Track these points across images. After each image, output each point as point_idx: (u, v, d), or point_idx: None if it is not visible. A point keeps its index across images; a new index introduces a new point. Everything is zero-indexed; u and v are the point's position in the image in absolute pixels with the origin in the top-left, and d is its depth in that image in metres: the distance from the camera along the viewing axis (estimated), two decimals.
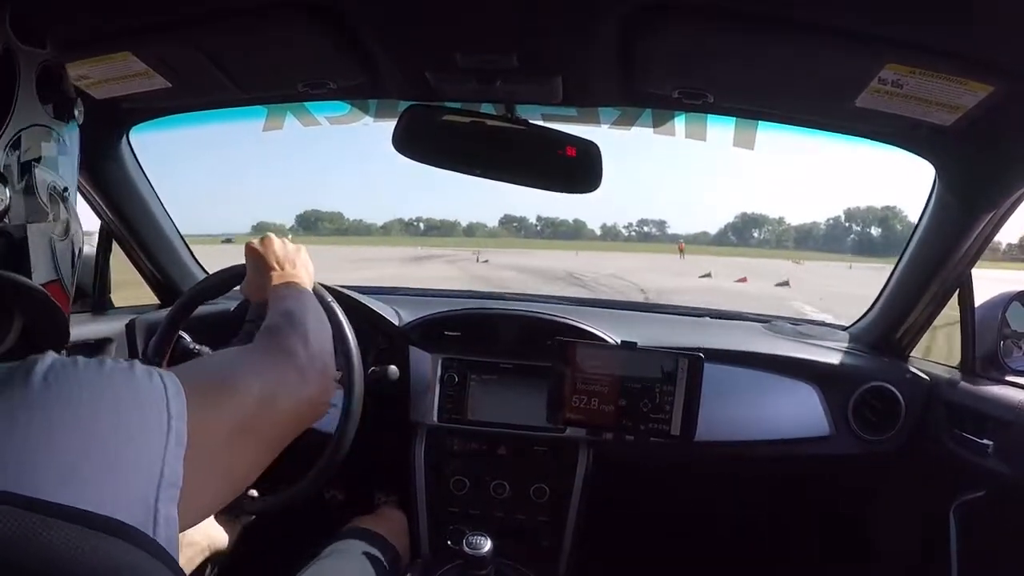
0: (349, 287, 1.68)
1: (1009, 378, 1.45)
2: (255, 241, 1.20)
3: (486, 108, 1.25)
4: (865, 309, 1.77)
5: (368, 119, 1.45)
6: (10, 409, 0.45)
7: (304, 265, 1.18)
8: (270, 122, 1.46)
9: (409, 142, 1.20)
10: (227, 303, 1.68)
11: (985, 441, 1.35)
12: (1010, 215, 1.30)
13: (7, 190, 0.60)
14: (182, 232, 1.82)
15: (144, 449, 0.50)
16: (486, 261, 39.80)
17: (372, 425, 1.31)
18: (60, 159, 0.68)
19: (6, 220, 0.60)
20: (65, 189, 0.69)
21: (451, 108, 1.21)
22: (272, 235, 1.21)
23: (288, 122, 1.46)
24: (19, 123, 0.62)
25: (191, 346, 1.43)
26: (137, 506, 0.48)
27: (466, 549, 1.25)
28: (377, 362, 1.55)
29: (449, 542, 1.54)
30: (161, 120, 1.44)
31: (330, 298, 1.27)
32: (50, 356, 0.50)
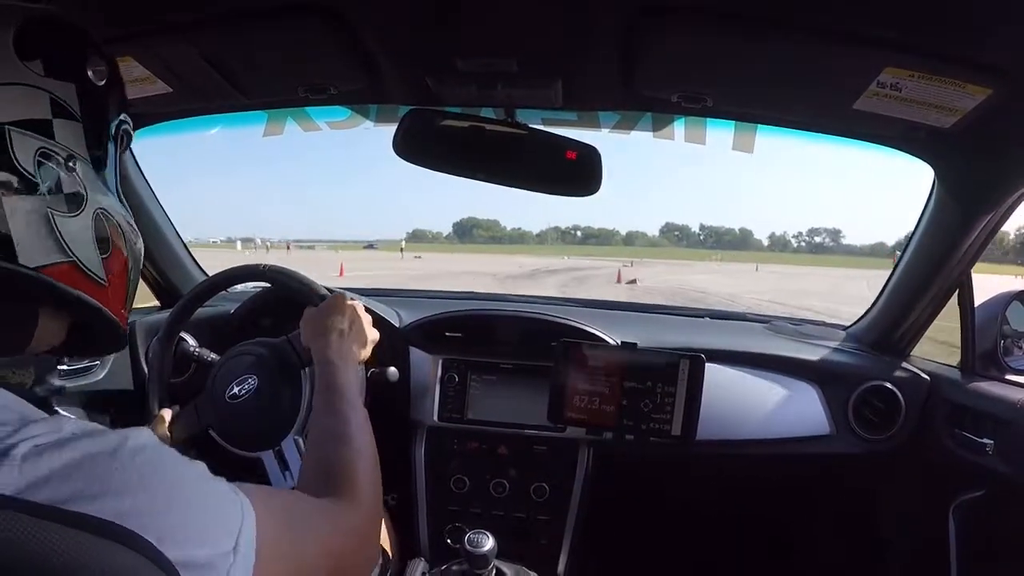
0: (349, 288, 1.68)
1: (1009, 377, 1.46)
2: (348, 299, 1.20)
3: (486, 112, 1.25)
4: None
5: (368, 124, 1.46)
6: (90, 472, 0.46)
7: (364, 349, 1.18)
8: (270, 127, 1.47)
9: (409, 146, 1.20)
10: (227, 305, 1.69)
11: (985, 440, 1.35)
12: (1009, 216, 1.30)
13: None
14: (371, 239, 1.81)
15: (207, 560, 0.50)
16: (632, 281, 26.84)
17: (372, 425, 1.31)
18: (57, 122, 0.61)
19: None
20: (70, 157, 0.62)
21: (451, 112, 1.21)
22: (361, 306, 1.21)
23: (288, 127, 1.47)
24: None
25: (192, 349, 1.43)
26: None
27: (468, 547, 1.26)
28: (377, 363, 1.55)
29: (449, 541, 1.55)
30: (162, 125, 1.44)
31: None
32: (144, 434, 0.51)
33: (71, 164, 0.61)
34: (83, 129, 0.64)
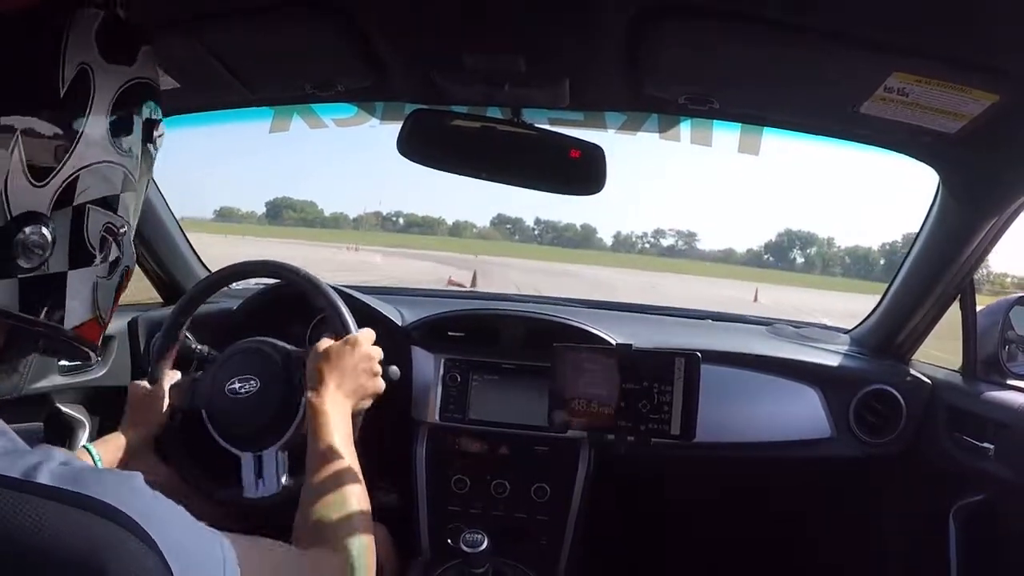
0: (351, 286, 1.68)
1: (1010, 382, 1.46)
2: (360, 339, 1.17)
3: (492, 112, 1.25)
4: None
5: (375, 121, 1.46)
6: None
7: (363, 393, 1.15)
8: (277, 123, 1.47)
9: (414, 146, 1.20)
10: (229, 302, 1.69)
11: (986, 445, 1.36)
12: (1013, 221, 1.31)
13: (48, 234, 0.54)
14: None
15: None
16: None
17: (374, 424, 1.31)
18: (124, 196, 0.62)
19: (44, 267, 0.55)
20: (122, 227, 0.63)
21: (457, 112, 1.21)
22: (358, 344, 1.17)
23: (295, 123, 1.47)
24: (82, 160, 0.56)
25: (193, 346, 1.43)
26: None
27: (463, 547, 1.26)
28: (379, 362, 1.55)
29: (450, 541, 1.54)
30: (167, 120, 1.43)
31: (333, 296, 1.28)
32: (138, 479, 0.52)
33: (122, 233, 0.63)
34: (138, 196, 0.66)
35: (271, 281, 1.63)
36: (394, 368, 1.49)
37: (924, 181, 1.39)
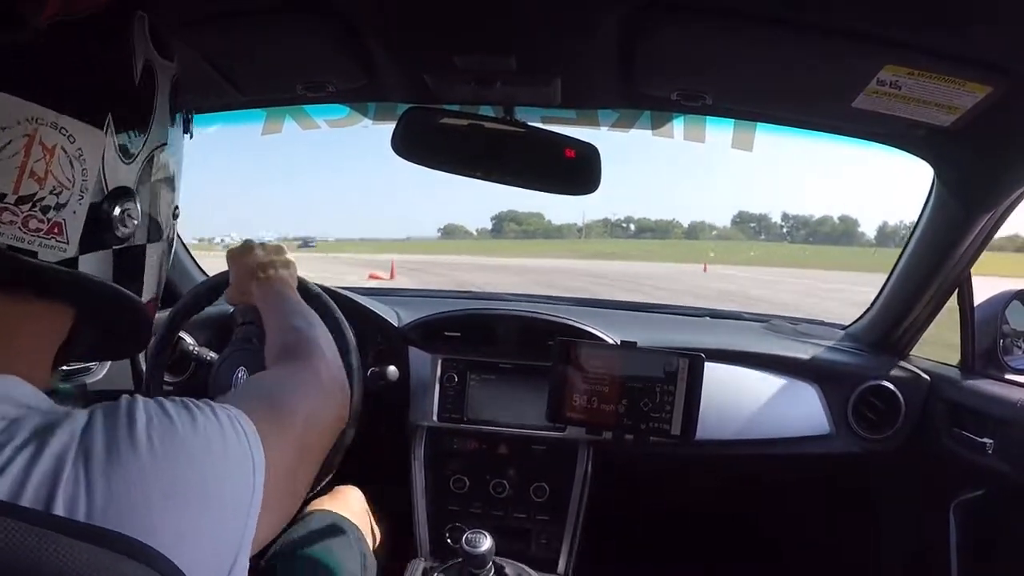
0: (347, 288, 1.68)
1: (1009, 376, 1.46)
2: (235, 248, 1.21)
3: (485, 110, 1.25)
4: None
5: (367, 121, 1.46)
6: (119, 466, 0.47)
7: (286, 265, 1.18)
8: (269, 125, 1.47)
9: (408, 144, 1.20)
10: (227, 304, 1.69)
11: (985, 440, 1.35)
12: (1009, 214, 1.30)
13: (138, 207, 0.60)
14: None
15: (232, 515, 0.53)
16: None
17: (372, 425, 1.31)
18: (177, 178, 0.69)
19: (132, 239, 0.60)
20: (177, 208, 0.69)
21: (450, 111, 1.21)
22: (252, 241, 1.21)
23: (287, 125, 1.47)
24: (154, 141, 0.62)
25: (191, 348, 1.43)
26: (220, 559, 0.51)
27: (465, 547, 1.26)
28: (376, 363, 1.55)
29: (449, 541, 1.55)
30: None
31: (327, 299, 1.27)
32: (140, 405, 0.51)
33: (178, 214, 0.71)
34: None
35: None
36: (392, 369, 1.49)
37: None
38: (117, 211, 0.57)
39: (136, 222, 0.60)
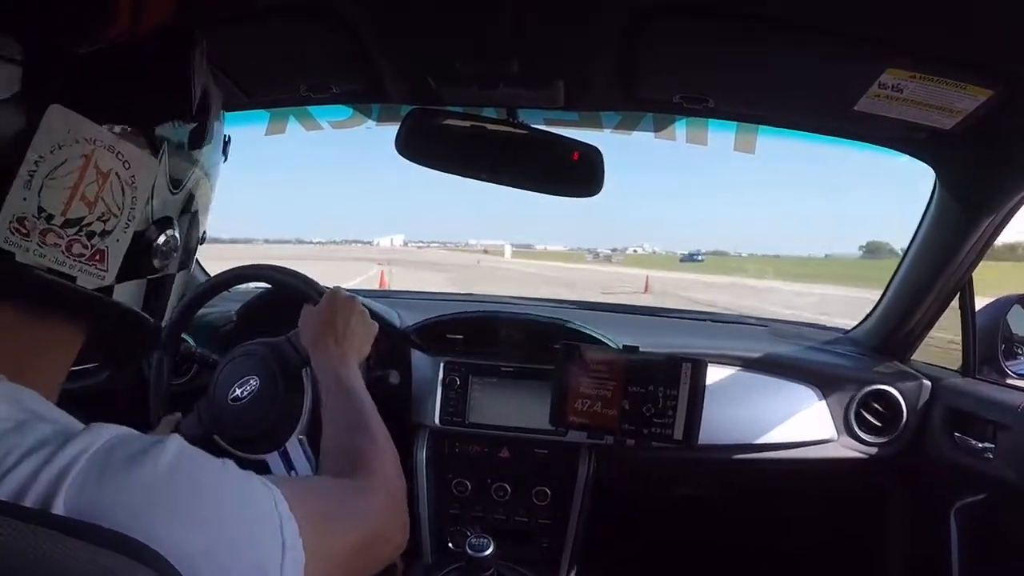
0: (348, 290, 1.68)
1: (1010, 381, 1.46)
2: (343, 295, 1.18)
3: (488, 112, 1.25)
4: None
5: (371, 123, 1.46)
6: (134, 479, 0.46)
7: (365, 348, 1.16)
8: (272, 127, 1.47)
9: (412, 146, 1.20)
10: (229, 306, 1.69)
11: (986, 444, 1.35)
12: (1011, 218, 1.30)
13: (179, 237, 0.60)
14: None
15: (259, 558, 0.50)
16: None
17: None
18: (212, 201, 0.67)
19: (166, 268, 0.60)
20: (204, 233, 0.68)
21: (453, 112, 1.21)
22: (356, 299, 1.18)
23: (290, 126, 1.47)
24: (201, 171, 0.62)
25: (193, 350, 1.43)
26: None
27: (468, 551, 1.26)
28: (379, 365, 1.55)
29: (451, 544, 1.54)
30: None
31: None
32: (177, 441, 0.51)
33: (204, 240, 0.69)
34: None
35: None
36: (394, 372, 1.49)
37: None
38: (160, 241, 0.57)
39: (175, 254, 0.60)
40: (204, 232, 0.68)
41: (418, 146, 1.20)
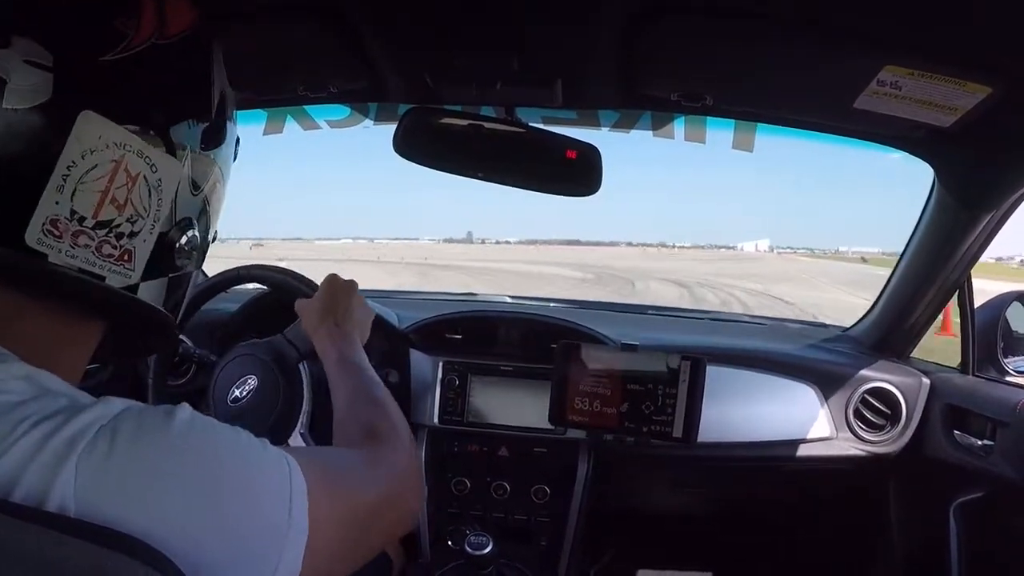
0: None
1: (1009, 379, 1.46)
2: (341, 280, 1.18)
3: (486, 111, 1.25)
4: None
5: (368, 122, 1.46)
6: (146, 448, 0.47)
7: (365, 331, 1.16)
8: (270, 126, 1.47)
9: (409, 145, 1.20)
10: (227, 306, 1.68)
11: (985, 442, 1.36)
12: (1009, 216, 1.30)
13: (199, 238, 0.61)
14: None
15: (259, 537, 0.50)
16: None
17: None
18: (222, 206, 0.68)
19: (186, 267, 0.62)
20: (216, 232, 0.69)
21: (451, 111, 1.21)
22: (356, 283, 1.18)
23: (288, 126, 1.47)
24: (218, 173, 0.63)
25: (191, 350, 1.42)
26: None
27: (468, 549, 1.26)
28: (377, 364, 1.54)
29: (450, 542, 1.54)
30: None
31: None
32: (187, 409, 0.52)
33: (215, 238, 0.70)
34: None
35: None
36: (392, 371, 1.49)
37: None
38: (182, 241, 0.59)
39: (195, 253, 0.62)
40: (216, 231, 0.69)
41: (416, 145, 1.20)
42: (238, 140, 0.71)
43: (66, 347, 0.57)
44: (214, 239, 0.69)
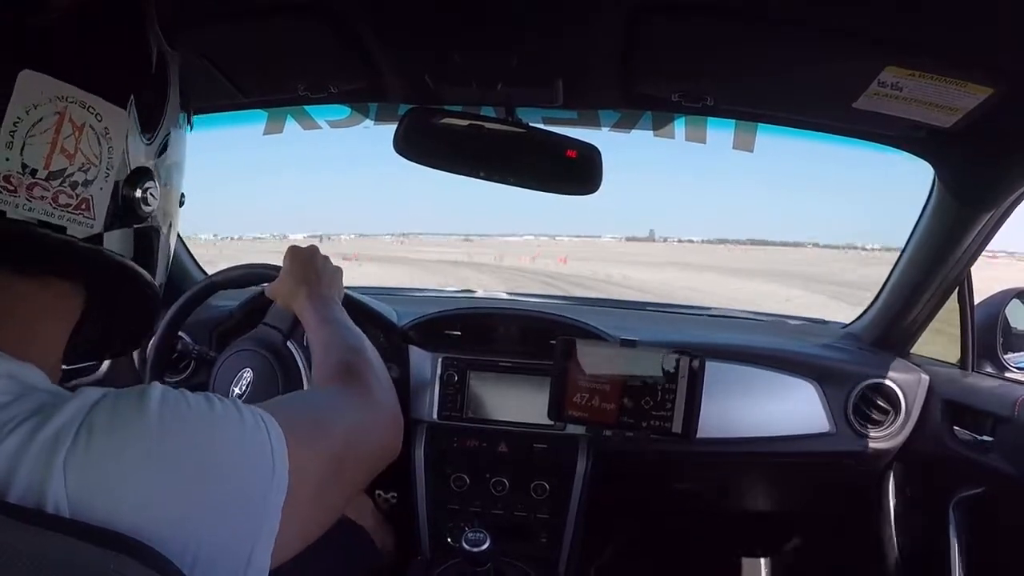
0: (347, 287, 1.68)
1: (1009, 375, 1.47)
2: (300, 248, 1.17)
3: (486, 111, 1.25)
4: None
5: (368, 122, 1.45)
6: (124, 438, 0.48)
7: (340, 288, 1.16)
8: (270, 126, 1.46)
9: (410, 144, 1.19)
10: (227, 303, 1.68)
11: (984, 438, 1.36)
12: (1009, 215, 1.30)
13: (157, 188, 0.62)
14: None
15: (249, 500, 0.53)
16: None
17: None
18: (185, 165, 0.70)
19: (150, 220, 0.62)
20: (183, 195, 0.71)
21: (451, 111, 1.21)
22: (317, 247, 1.18)
23: (288, 126, 1.46)
24: (168, 126, 0.64)
25: (191, 347, 1.43)
26: (233, 553, 0.52)
27: (465, 546, 1.26)
28: None
29: (449, 539, 1.54)
30: None
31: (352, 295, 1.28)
32: (158, 387, 0.53)
33: (183, 200, 0.72)
34: None
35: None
36: (392, 367, 1.49)
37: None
38: (139, 191, 0.59)
39: (156, 201, 0.62)
40: (183, 193, 0.71)
41: (416, 145, 1.20)
42: (191, 111, 0.72)
43: (44, 318, 0.58)
44: (182, 201, 0.71)
